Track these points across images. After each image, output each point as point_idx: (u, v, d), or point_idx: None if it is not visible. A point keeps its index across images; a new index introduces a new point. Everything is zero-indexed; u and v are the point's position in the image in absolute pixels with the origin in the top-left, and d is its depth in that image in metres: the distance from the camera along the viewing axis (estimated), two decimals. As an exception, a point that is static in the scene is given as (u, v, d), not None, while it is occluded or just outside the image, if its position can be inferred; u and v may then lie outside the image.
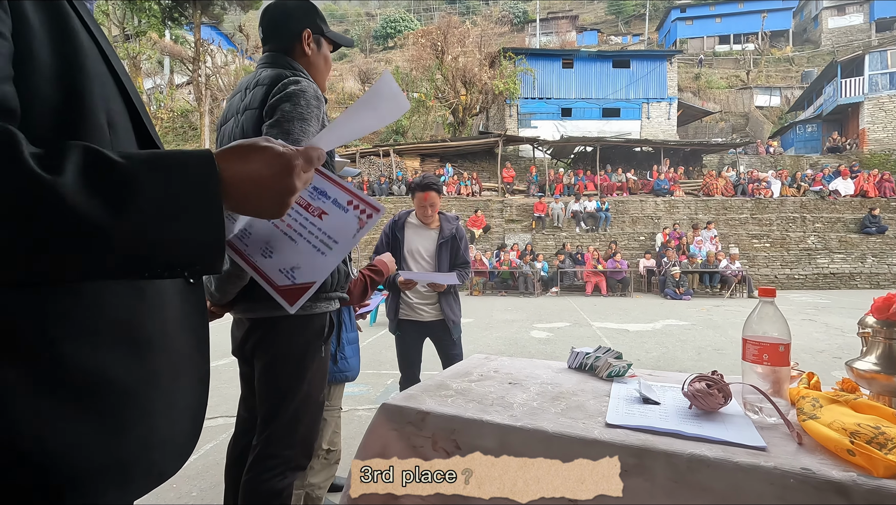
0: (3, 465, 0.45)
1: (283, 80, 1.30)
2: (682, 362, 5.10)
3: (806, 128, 23.77)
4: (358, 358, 2.11)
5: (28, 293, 0.48)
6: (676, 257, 11.81)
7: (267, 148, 0.55)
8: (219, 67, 22.03)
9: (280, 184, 0.56)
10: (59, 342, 0.49)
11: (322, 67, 1.52)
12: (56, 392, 0.48)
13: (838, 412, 0.82)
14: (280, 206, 0.57)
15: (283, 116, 1.25)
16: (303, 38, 1.44)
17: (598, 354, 1.26)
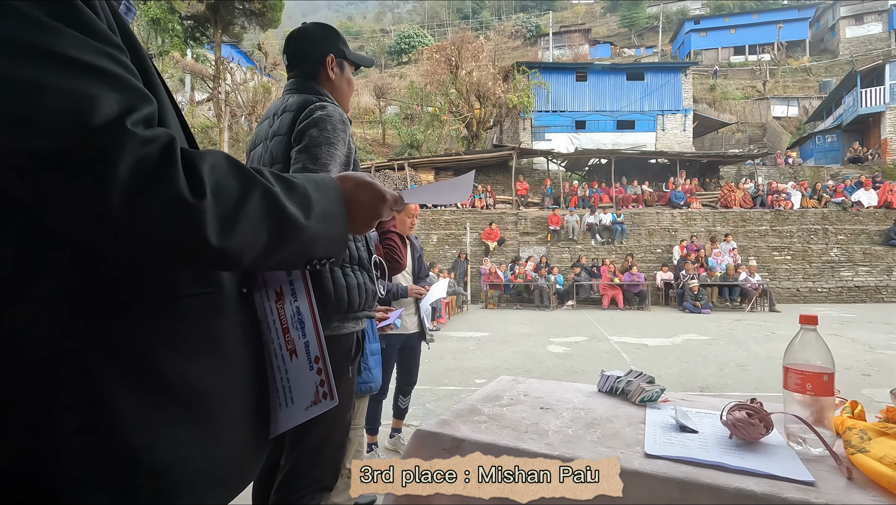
0: (125, 474, 0.51)
1: (310, 106, 1.33)
2: (704, 379, 4.99)
3: (825, 138, 23.38)
4: (380, 369, 2.12)
5: (129, 313, 0.54)
6: (695, 270, 11.64)
7: (371, 182, 0.74)
8: (238, 84, 22.53)
9: (374, 208, 0.74)
10: (159, 357, 0.55)
11: (346, 90, 1.55)
12: (161, 403, 0.54)
13: (889, 445, 0.79)
14: (368, 225, 0.75)
15: (311, 142, 1.27)
16: (327, 63, 1.47)
17: (629, 379, 1.24)
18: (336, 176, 0.72)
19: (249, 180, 0.56)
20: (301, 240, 0.61)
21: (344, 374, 1.44)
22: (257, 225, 0.55)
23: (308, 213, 0.61)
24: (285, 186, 0.60)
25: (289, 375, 0.75)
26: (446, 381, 5.08)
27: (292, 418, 0.75)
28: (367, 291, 1.47)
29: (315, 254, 0.66)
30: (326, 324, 1.38)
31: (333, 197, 0.68)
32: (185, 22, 17.94)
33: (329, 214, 0.66)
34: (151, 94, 0.56)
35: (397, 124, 24.76)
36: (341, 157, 1.35)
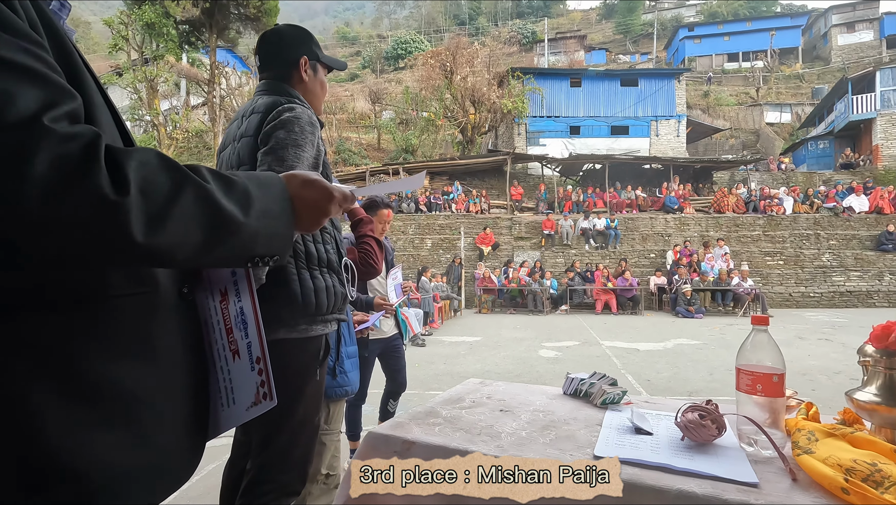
0: (42, 475, 0.50)
1: (278, 108, 1.32)
2: (693, 383, 4.99)
3: (818, 144, 23.55)
4: (357, 372, 2.10)
5: (54, 312, 0.54)
6: (688, 275, 11.66)
7: (318, 180, 0.74)
8: (233, 89, 22.55)
9: (321, 205, 0.73)
10: (84, 358, 0.54)
11: (319, 93, 1.54)
12: (84, 405, 0.54)
13: (835, 447, 0.79)
14: (315, 224, 0.75)
15: (278, 143, 1.27)
16: (300, 65, 1.47)
17: (592, 381, 1.23)
18: (283, 174, 0.72)
19: (181, 178, 0.55)
20: (239, 237, 0.60)
21: (311, 376, 1.43)
22: (189, 222, 0.54)
23: (247, 211, 0.61)
24: (223, 184, 0.60)
25: (231, 376, 0.75)
26: (436, 385, 5.06)
27: (234, 419, 0.74)
28: (335, 294, 1.46)
29: (256, 251, 0.65)
30: (294, 326, 1.37)
31: (277, 195, 0.67)
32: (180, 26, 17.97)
33: (271, 212, 0.65)
34: (77, 92, 0.55)
35: (392, 129, 24.80)
36: (309, 159, 1.34)
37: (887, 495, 0.67)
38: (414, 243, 14.99)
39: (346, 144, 24.40)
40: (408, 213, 16.20)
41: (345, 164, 22.30)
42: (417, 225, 15.54)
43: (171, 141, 19.01)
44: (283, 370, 1.39)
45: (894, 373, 0.90)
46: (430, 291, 9.93)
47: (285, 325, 1.36)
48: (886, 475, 0.69)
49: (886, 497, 0.67)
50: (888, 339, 0.91)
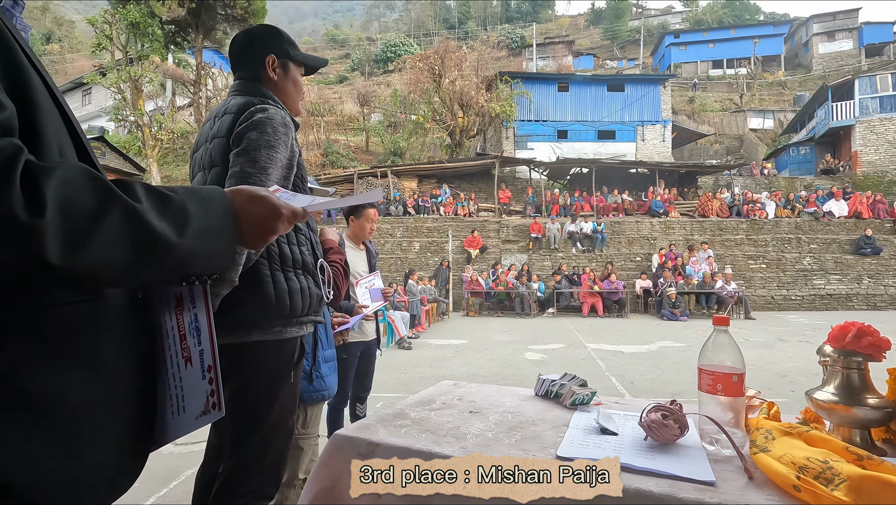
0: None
1: (250, 109, 1.31)
2: (677, 385, 5.04)
3: (799, 150, 24.02)
4: (335, 376, 2.08)
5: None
6: (672, 278, 11.80)
7: (265, 196, 0.72)
8: (220, 90, 22.35)
9: (268, 223, 0.72)
10: (17, 368, 0.53)
11: (292, 91, 1.51)
12: (15, 417, 0.52)
13: (790, 445, 0.80)
14: (262, 241, 0.74)
15: (250, 145, 1.25)
16: (267, 64, 1.45)
17: (563, 382, 1.24)
18: (229, 189, 0.71)
19: (108, 197, 0.53)
20: (171, 257, 0.58)
21: (285, 379, 1.42)
22: (114, 244, 0.52)
23: (182, 230, 0.59)
24: (157, 202, 0.58)
25: (182, 383, 0.74)
26: (420, 388, 4.99)
27: (182, 428, 0.73)
28: (311, 296, 1.45)
29: (191, 271, 0.64)
30: (268, 328, 1.35)
31: (219, 211, 0.66)
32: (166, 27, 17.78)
33: (210, 230, 0.63)
34: (20, 95, 0.54)
35: (381, 132, 24.78)
36: (283, 160, 1.32)
37: (836, 493, 0.68)
38: (402, 246, 14.97)
39: (334, 147, 24.31)
40: (396, 215, 16.18)
41: (333, 167, 22.21)
42: (405, 228, 15.53)
43: (156, 142, 18.77)
44: (257, 372, 1.37)
45: (851, 372, 0.92)
46: (417, 294, 9.92)
47: (259, 327, 1.34)
48: (837, 472, 0.70)
49: (836, 494, 0.68)
50: (845, 339, 0.93)
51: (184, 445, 3.29)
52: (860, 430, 0.92)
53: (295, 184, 1.47)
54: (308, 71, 1.63)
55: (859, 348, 0.92)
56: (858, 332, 0.92)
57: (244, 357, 1.37)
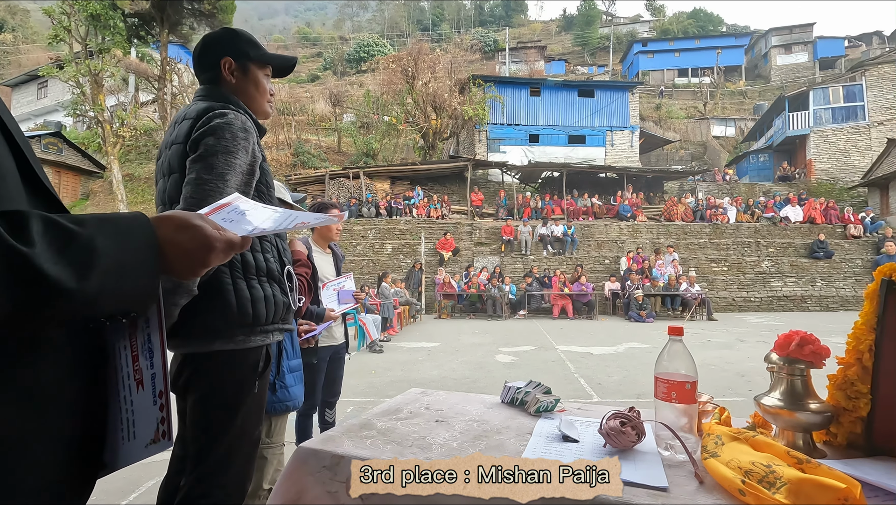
0: None
1: (209, 114, 1.28)
2: (642, 386, 5.17)
3: (758, 157, 25.07)
4: (301, 386, 2.05)
5: None
6: (640, 281, 12.11)
7: (197, 226, 0.65)
8: (186, 86, 21.72)
9: (198, 255, 0.66)
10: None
11: (254, 94, 1.48)
12: None
13: (737, 450, 0.84)
14: (192, 273, 0.67)
15: (207, 151, 1.22)
16: (222, 67, 1.42)
17: (528, 389, 1.27)
18: (155, 217, 0.65)
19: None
20: (71, 304, 0.52)
21: (249, 389, 1.39)
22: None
23: (85, 272, 0.53)
24: (56, 241, 0.51)
25: (133, 407, 0.70)
26: (392, 392, 5.02)
27: (132, 456, 0.69)
28: (276, 304, 1.43)
29: (101, 313, 0.59)
30: (230, 338, 1.33)
31: (138, 244, 0.59)
32: (129, 19, 17.16)
33: (125, 268, 0.57)
34: None
35: (353, 132, 24.59)
36: (243, 165, 1.30)
37: (778, 495, 0.73)
38: (374, 248, 14.88)
39: (305, 147, 23.96)
40: (368, 217, 16.07)
41: (304, 167, 21.89)
42: (377, 230, 15.44)
43: (118, 139, 18.08)
44: (220, 383, 1.35)
45: (795, 379, 0.98)
46: (389, 296, 9.87)
47: (221, 336, 1.32)
48: (778, 476, 0.75)
49: (777, 497, 0.72)
50: (789, 347, 0.98)
51: (145, 455, 3.18)
52: (803, 433, 0.97)
53: (259, 189, 1.44)
54: (278, 72, 1.60)
55: (802, 356, 0.97)
56: (801, 340, 0.97)
57: (207, 367, 1.34)
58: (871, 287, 0.94)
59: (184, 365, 1.38)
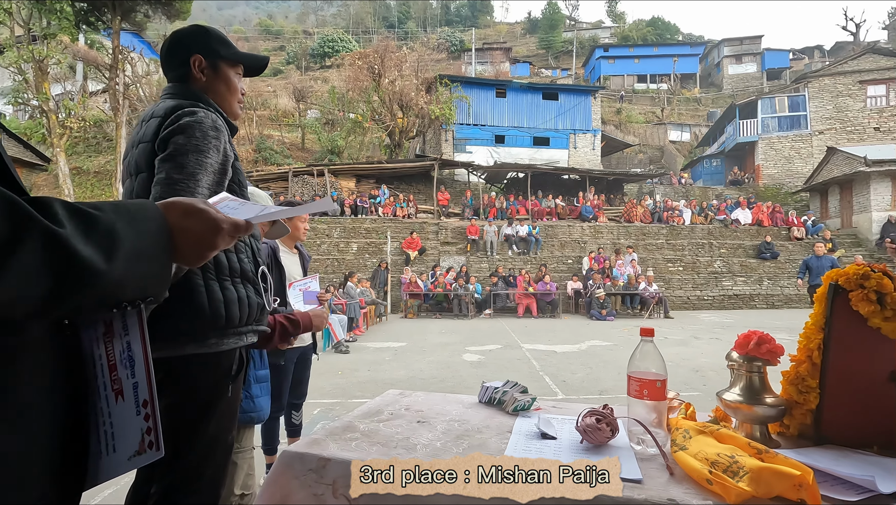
0: None
1: (177, 112, 1.25)
2: (604, 383, 5.34)
3: (711, 162, 26.28)
4: (267, 398, 2.01)
5: None
6: (601, 280, 12.48)
7: (203, 210, 0.67)
8: (140, 77, 20.76)
9: (207, 238, 0.68)
10: None
11: (224, 92, 1.45)
12: None
13: (704, 443, 0.91)
14: (200, 258, 0.70)
15: (177, 150, 1.19)
16: (192, 65, 1.39)
17: (505, 389, 1.31)
18: (161, 203, 0.65)
19: (23, 223, 0.47)
20: (100, 286, 0.53)
21: (223, 393, 1.37)
22: (31, 275, 0.47)
23: (111, 255, 0.54)
24: (82, 224, 0.52)
25: (112, 420, 0.67)
26: (359, 393, 5.00)
27: (113, 469, 0.67)
28: (250, 305, 1.40)
29: (124, 297, 0.60)
30: (203, 341, 1.30)
31: (152, 231, 0.61)
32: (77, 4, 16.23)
33: (142, 253, 0.58)
34: None
35: (318, 129, 24.15)
36: (214, 165, 1.27)
37: (741, 483, 0.79)
38: (339, 247, 14.69)
39: (267, 143, 23.37)
40: (333, 216, 15.84)
41: (266, 163, 21.35)
42: (343, 228, 15.26)
43: (65, 130, 17.09)
44: (192, 387, 1.32)
45: (753, 375, 1.06)
46: (355, 296, 9.78)
47: (193, 340, 1.29)
48: (741, 466, 0.81)
49: (740, 485, 0.79)
50: (748, 346, 1.06)
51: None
52: (760, 425, 1.05)
53: (231, 189, 1.42)
54: (249, 72, 1.57)
55: (759, 354, 1.05)
56: (759, 340, 1.05)
57: (178, 371, 1.31)
58: (821, 291, 1.03)
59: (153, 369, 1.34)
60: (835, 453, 0.96)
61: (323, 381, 5.40)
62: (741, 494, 0.78)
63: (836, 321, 0.99)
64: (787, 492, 0.78)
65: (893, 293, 0.92)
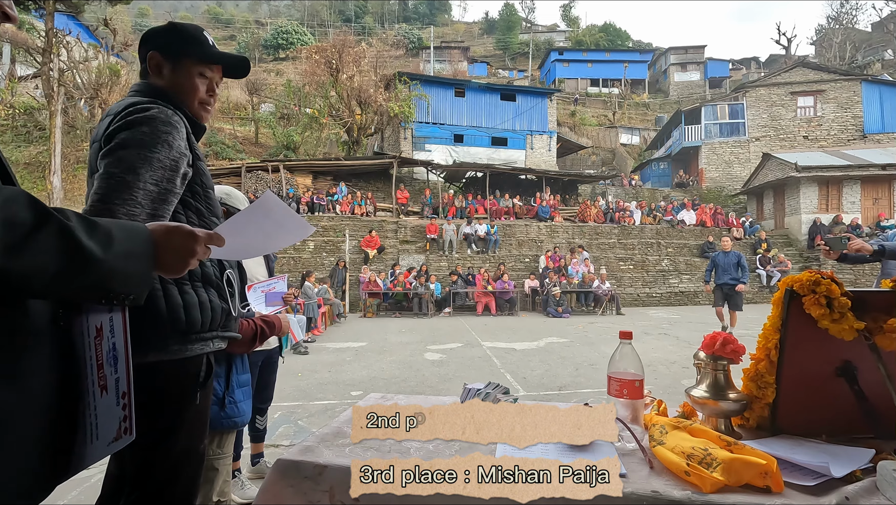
0: None
1: (129, 109, 1.20)
2: (562, 378, 5.52)
3: (659, 165, 27.56)
4: (249, 402, 1.97)
5: None
6: (557, 278, 12.83)
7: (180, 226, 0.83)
8: (76, 62, 19.41)
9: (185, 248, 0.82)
10: None
11: (187, 89, 1.39)
12: None
13: (679, 437, 0.98)
14: (182, 264, 0.84)
15: (119, 144, 1.14)
16: (148, 61, 1.36)
17: (487, 391, 1.35)
18: (149, 225, 0.81)
19: (43, 213, 0.61)
20: (96, 272, 0.67)
21: (191, 401, 1.32)
22: (47, 254, 0.61)
23: (106, 249, 0.68)
24: (85, 224, 0.67)
25: (97, 412, 0.76)
26: (320, 395, 4.93)
27: (95, 455, 0.75)
28: (213, 310, 1.35)
29: (112, 287, 0.71)
30: (164, 348, 1.24)
31: (140, 238, 0.76)
32: (6, -18, 14.95)
33: (132, 253, 0.73)
34: None
35: (272, 123, 23.42)
36: (164, 160, 1.20)
37: (715, 473, 0.87)
38: (295, 245, 14.34)
39: (218, 136, 22.45)
40: (289, 213, 15.44)
41: (217, 158, 20.53)
42: (300, 226, 14.90)
43: (-10, 117, 15.76)
44: (157, 396, 1.26)
45: (718, 373, 1.15)
46: (313, 296, 9.60)
47: (153, 347, 1.23)
48: (714, 458, 0.89)
49: (714, 475, 0.86)
50: (714, 346, 1.15)
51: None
52: (724, 419, 1.14)
53: (194, 191, 1.37)
54: (232, 72, 1.51)
55: (724, 353, 1.15)
56: (724, 340, 1.15)
57: (143, 380, 1.26)
58: (777, 295, 1.13)
59: None
60: (790, 442, 1.06)
61: (282, 383, 5.27)
62: (715, 484, 0.86)
63: (791, 323, 1.09)
64: (755, 479, 0.87)
65: (840, 298, 1.03)
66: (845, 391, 1.07)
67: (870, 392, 1.05)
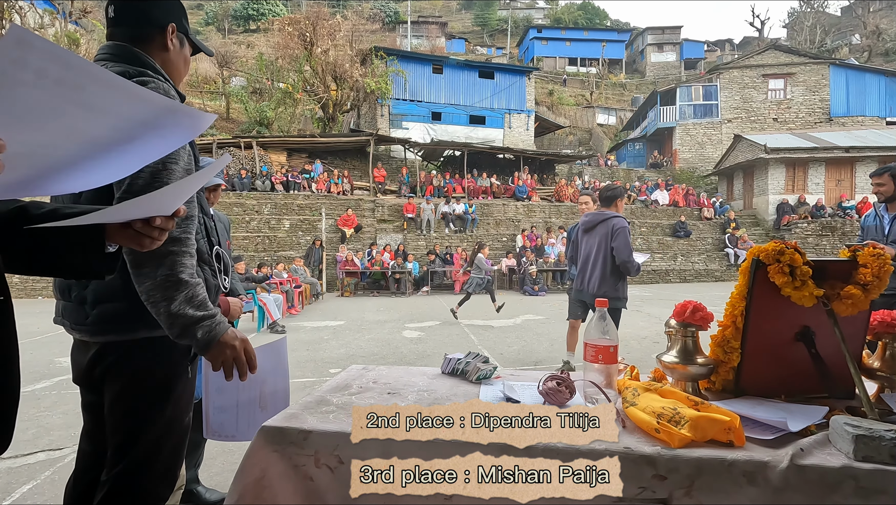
0: None
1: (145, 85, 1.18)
2: (538, 354, 5.65)
3: (634, 146, 27.88)
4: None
5: None
6: (534, 257, 12.99)
7: None
8: (32, 29, 18.29)
9: None
10: None
11: (182, 69, 1.39)
12: None
13: (650, 398, 1.03)
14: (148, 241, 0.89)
15: None
16: (167, 32, 1.30)
17: (468, 360, 1.38)
18: None
19: None
20: None
21: (180, 375, 1.33)
22: None
23: None
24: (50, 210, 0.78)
25: None
26: (299, 373, 4.93)
27: None
28: (207, 288, 1.37)
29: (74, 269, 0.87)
30: (154, 324, 1.25)
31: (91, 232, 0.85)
32: (-51, -61, 13.92)
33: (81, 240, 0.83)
34: None
35: (244, 98, 22.67)
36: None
37: (683, 430, 0.92)
38: (270, 224, 14.10)
39: (187, 111, 21.60)
40: (262, 191, 15.14)
41: (186, 133, 19.80)
42: (274, 205, 14.64)
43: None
44: (148, 371, 1.27)
45: (687, 340, 1.20)
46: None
47: (145, 323, 1.23)
48: (682, 416, 0.94)
49: (682, 432, 0.92)
50: (684, 314, 1.20)
51: (12, 458, 2.84)
52: (692, 382, 1.20)
53: None
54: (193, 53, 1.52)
55: (693, 321, 1.20)
56: (693, 309, 1.20)
57: (132, 355, 1.26)
58: (745, 265, 1.19)
59: (101, 355, 1.28)
60: (752, 402, 1.13)
61: (261, 361, 5.25)
62: (683, 439, 0.91)
63: (756, 291, 1.15)
64: (719, 435, 0.92)
65: (803, 266, 1.08)
66: (803, 355, 1.14)
67: (825, 355, 1.12)
